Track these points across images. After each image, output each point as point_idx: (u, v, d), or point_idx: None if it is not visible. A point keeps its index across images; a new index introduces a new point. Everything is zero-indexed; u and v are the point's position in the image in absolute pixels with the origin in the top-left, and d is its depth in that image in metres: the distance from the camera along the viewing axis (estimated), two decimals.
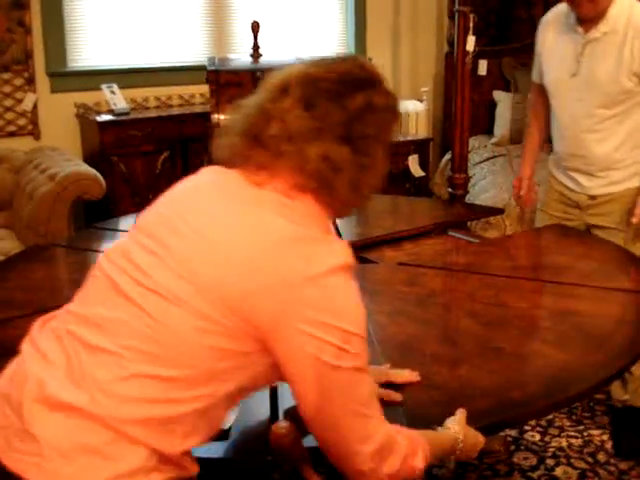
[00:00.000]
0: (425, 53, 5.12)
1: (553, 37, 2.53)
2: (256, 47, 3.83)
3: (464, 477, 2.47)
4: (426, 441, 1.23)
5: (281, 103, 1.19)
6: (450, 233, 2.63)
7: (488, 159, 4.32)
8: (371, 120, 1.20)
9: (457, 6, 3.04)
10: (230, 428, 1.32)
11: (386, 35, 5.00)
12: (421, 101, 4.87)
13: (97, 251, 2.47)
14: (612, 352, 1.66)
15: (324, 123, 1.17)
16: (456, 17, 3.04)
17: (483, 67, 4.88)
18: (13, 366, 1.19)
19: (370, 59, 4.98)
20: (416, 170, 4.35)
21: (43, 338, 1.18)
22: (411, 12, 5.03)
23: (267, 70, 4.09)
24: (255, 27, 3.83)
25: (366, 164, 1.21)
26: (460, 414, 1.35)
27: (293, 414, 1.16)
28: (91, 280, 1.22)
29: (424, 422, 1.34)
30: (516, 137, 4.62)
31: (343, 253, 1.15)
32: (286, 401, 1.44)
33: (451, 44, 4.10)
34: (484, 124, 4.89)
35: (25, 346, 1.20)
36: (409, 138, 4.59)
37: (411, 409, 1.41)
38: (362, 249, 2.45)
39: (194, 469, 1.15)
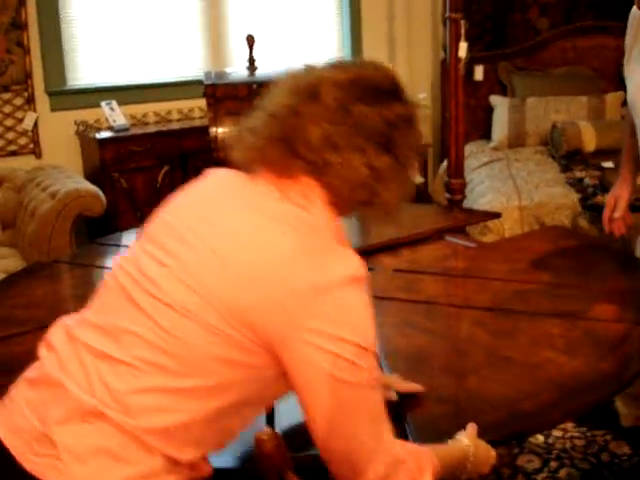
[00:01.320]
0: (422, 60, 5.15)
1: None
2: (252, 60, 3.86)
3: None
4: (434, 455, 1.20)
5: (313, 107, 1.15)
6: (447, 238, 2.63)
7: (486, 164, 4.33)
8: (406, 129, 1.20)
9: (448, 13, 3.06)
10: None
11: (382, 43, 5.02)
12: None
13: (100, 267, 2.50)
14: (623, 359, 1.63)
15: (364, 131, 1.15)
16: (447, 24, 3.06)
17: (479, 72, 4.92)
18: (33, 370, 1.21)
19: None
20: (415, 177, 4.36)
21: (61, 345, 1.19)
22: (406, 20, 5.05)
23: (263, 82, 4.08)
24: (250, 40, 3.86)
25: (403, 172, 1.21)
26: (471, 428, 1.33)
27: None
28: (104, 289, 1.23)
29: (433, 436, 1.34)
30: (514, 141, 4.63)
31: (354, 264, 1.12)
32: (282, 412, 1.46)
33: (446, 51, 4.12)
34: (482, 129, 4.90)
35: (44, 352, 1.21)
36: None
37: (420, 423, 1.40)
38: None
39: (208, 470, 1.17)
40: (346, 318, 1.08)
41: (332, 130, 1.13)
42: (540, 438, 2.68)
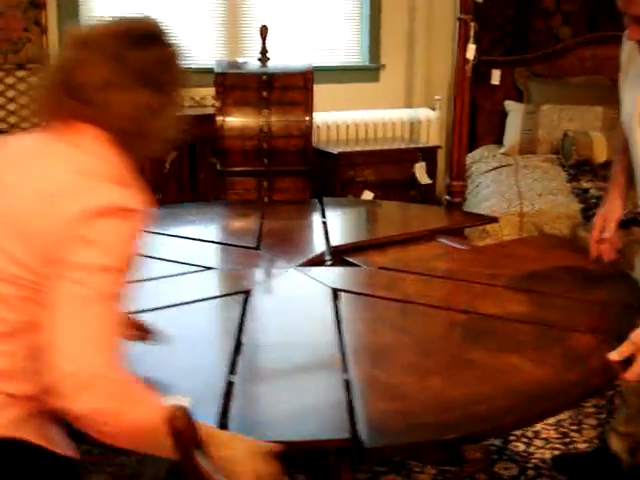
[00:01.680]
0: (440, 61, 5.11)
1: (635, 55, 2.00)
2: (264, 51, 3.87)
3: None
4: (177, 413, 1.15)
5: (87, 55, 1.32)
6: (439, 240, 2.63)
7: (495, 168, 4.31)
8: (170, 68, 1.39)
9: (459, 14, 3.06)
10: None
11: (401, 42, 5.00)
12: (434, 109, 4.88)
13: None
14: (589, 371, 1.61)
15: (132, 71, 1.32)
16: (457, 25, 3.06)
17: (496, 77, 4.89)
18: None
19: (384, 65, 4.87)
20: (422, 177, 4.36)
21: None
22: (426, 20, 5.02)
23: (273, 74, 4.09)
24: (263, 31, 3.88)
25: (170, 106, 1.38)
26: (266, 444, 1.25)
27: None
28: None
29: (384, 432, 1.34)
30: (525, 148, 4.60)
31: (117, 198, 1.25)
32: (238, 397, 1.47)
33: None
34: (496, 134, 4.87)
35: None
36: (418, 145, 4.61)
37: (371, 418, 1.39)
38: (347, 253, 2.47)
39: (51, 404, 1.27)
40: (98, 242, 1.22)
41: (104, 73, 1.31)
42: (520, 446, 2.67)
